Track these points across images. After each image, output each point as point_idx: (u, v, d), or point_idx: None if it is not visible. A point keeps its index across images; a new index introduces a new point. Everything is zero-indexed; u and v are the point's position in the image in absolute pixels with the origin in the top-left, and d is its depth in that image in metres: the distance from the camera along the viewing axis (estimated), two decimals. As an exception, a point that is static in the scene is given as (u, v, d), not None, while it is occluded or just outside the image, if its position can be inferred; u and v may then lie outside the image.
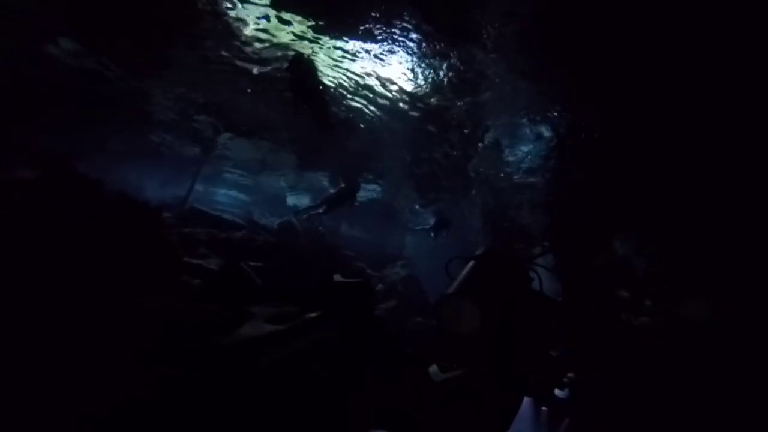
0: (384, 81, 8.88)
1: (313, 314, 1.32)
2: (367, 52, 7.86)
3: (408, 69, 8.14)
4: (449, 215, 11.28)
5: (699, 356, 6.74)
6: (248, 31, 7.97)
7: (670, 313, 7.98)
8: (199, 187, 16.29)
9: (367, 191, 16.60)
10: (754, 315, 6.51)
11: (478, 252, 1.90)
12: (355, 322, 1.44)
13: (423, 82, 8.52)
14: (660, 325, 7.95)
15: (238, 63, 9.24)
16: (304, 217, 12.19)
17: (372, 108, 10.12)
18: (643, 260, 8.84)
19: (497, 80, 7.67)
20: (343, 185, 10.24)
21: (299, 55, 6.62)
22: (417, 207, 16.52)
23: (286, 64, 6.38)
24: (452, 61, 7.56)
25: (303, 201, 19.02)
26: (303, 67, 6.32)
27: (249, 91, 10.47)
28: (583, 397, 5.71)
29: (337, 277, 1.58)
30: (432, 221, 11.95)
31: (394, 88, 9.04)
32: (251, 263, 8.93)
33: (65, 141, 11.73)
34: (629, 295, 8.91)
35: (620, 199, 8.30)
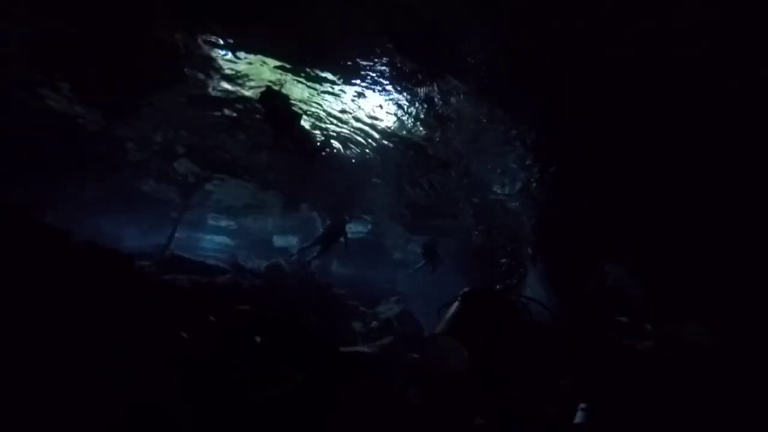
0: (365, 117, 9.14)
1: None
2: (349, 87, 8.06)
3: (388, 104, 8.40)
4: (435, 244, 11.18)
5: (706, 379, 6.51)
6: (227, 70, 8.20)
7: (672, 337, 7.80)
8: (181, 233, 15.85)
9: (357, 227, 16.51)
10: (754, 335, 6.42)
11: (463, 291, 1.96)
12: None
13: (404, 117, 8.78)
14: (665, 349, 7.74)
15: (217, 103, 9.39)
16: (293, 257, 11.91)
17: (355, 144, 10.32)
18: (638, 284, 8.77)
19: (474, 111, 7.99)
20: (329, 223, 10.16)
21: (270, 88, 6.73)
22: (407, 241, 16.47)
23: (258, 97, 6.43)
24: (432, 95, 7.86)
25: (291, 242, 18.70)
26: (276, 99, 6.36)
27: (236, 132, 10.56)
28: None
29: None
30: (420, 252, 11.78)
31: (375, 123, 9.31)
32: (237, 307, 8.44)
33: (31, 189, 11.33)
34: (628, 320, 8.81)
35: (610, 223, 8.30)
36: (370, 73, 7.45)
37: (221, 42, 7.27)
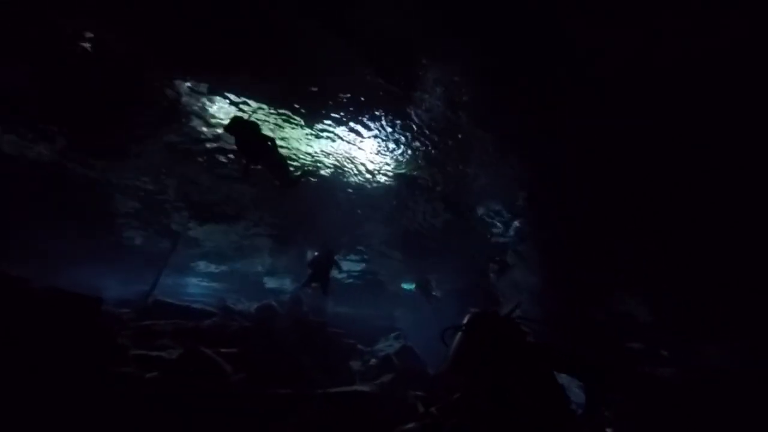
0: (355, 156, 9.14)
1: None
2: (338, 126, 8.09)
3: (377, 141, 8.40)
4: (426, 276, 10.85)
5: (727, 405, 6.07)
6: (213, 113, 8.25)
7: (690, 362, 7.41)
8: (167, 279, 15.19)
9: (352, 265, 16.09)
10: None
11: (465, 320, 1.88)
12: None
13: (394, 152, 8.79)
14: (685, 374, 7.31)
15: (204, 148, 9.37)
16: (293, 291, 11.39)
17: (342, 177, 10.26)
18: (648, 310, 8.45)
19: (468, 139, 8.00)
20: (316, 254, 9.82)
21: (237, 117, 6.68)
22: (402, 276, 16.02)
23: (226, 126, 6.26)
24: (424, 130, 7.96)
25: (284, 283, 18.03)
26: (245, 127, 6.25)
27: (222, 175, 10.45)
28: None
29: None
30: (414, 286, 11.43)
31: (366, 161, 9.29)
32: (223, 350, 7.80)
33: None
34: (642, 347, 8.41)
35: (615, 251, 8.04)
36: (354, 107, 7.53)
37: (203, 87, 7.39)
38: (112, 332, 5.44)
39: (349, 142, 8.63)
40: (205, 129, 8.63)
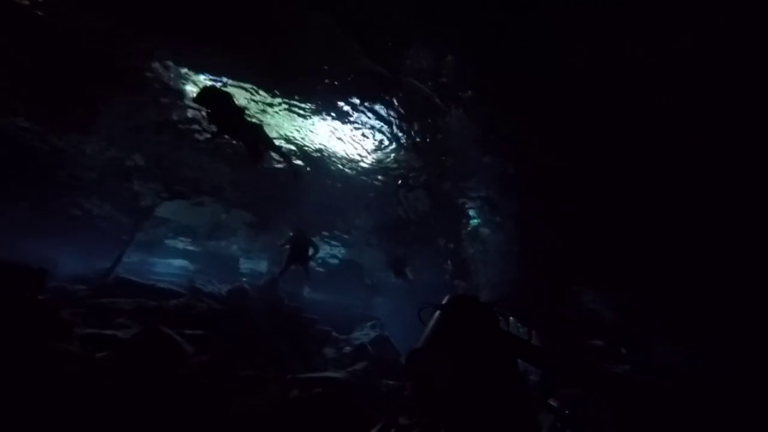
0: (336, 142, 8.66)
1: None
2: (320, 110, 7.65)
3: (360, 126, 7.90)
4: (402, 254, 10.51)
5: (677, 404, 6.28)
6: (185, 89, 7.61)
7: (646, 360, 7.65)
8: (134, 257, 14.35)
9: (332, 249, 15.67)
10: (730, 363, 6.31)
11: (445, 300, 1.91)
12: None
13: (377, 139, 8.32)
14: (641, 372, 7.54)
15: (181, 123, 8.67)
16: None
17: (327, 168, 9.76)
18: (612, 310, 8.62)
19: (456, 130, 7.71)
20: (291, 235, 9.28)
21: (209, 87, 6.12)
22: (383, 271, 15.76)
23: (196, 96, 5.72)
24: (407, 117, 7.54)
25: (260, 266, 17.45)
26: (216, 97, 5.64)
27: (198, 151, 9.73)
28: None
29: None
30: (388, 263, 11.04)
31: (348, 147, 8.83)
32: (187, 331, 7.32)
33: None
34: (603, 344, 8.64)
35: (586, 254, 8.10)
36: (338, 89, 7.04)
37: (173, 63, 6.76)
38: (55, 307, 4.89)
39: (331, 127, 8.17)
40: (175, 101, 7.95)
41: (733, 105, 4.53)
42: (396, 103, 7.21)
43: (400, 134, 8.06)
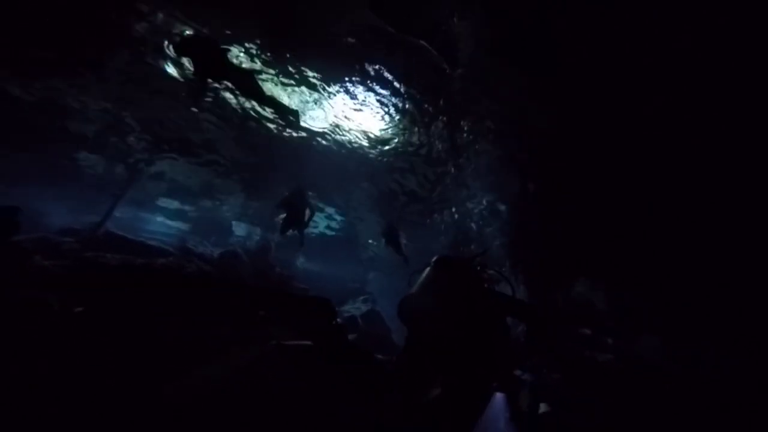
0: (341, 112, 8.12)
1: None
2: (325, 77, 7.09)
3: (365, 96, 7.37)
4: (394, 224, 10.09)
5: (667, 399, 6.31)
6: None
7: (629, 351, 7.64)
8: (127, 214, 14.08)
9: (328, 220, 15.38)
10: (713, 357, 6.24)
11: (433, 259, 2.06)
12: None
13: (381, 111, 7.80)
14: (623, 363, 7.50)
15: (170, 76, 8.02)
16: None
17: (330, 138, 9.24)
18: (602, 299, 8.60)
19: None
20: (287, 193, 8.39)
21: (191, 34, 5.48)
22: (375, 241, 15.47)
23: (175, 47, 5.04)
24: (415, 87, 6.99)
25: (254, 231, 17.25)
26: (199, 44, 4.99)
27: (194, 110, 9.16)
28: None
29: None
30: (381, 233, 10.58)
31: (353, 117, 8.29)
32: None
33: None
34: (591, 333, 8.66)
35: (579, 242, 7.92)
36: (345, 54, 6.44)
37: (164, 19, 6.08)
38: (26, 252, 4.62)
39: (334, 96, 7.62)
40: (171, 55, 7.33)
41: (733, 105, 4.45)
42: (400, 67, 6.67)
43: (405, 103, 7.56)
